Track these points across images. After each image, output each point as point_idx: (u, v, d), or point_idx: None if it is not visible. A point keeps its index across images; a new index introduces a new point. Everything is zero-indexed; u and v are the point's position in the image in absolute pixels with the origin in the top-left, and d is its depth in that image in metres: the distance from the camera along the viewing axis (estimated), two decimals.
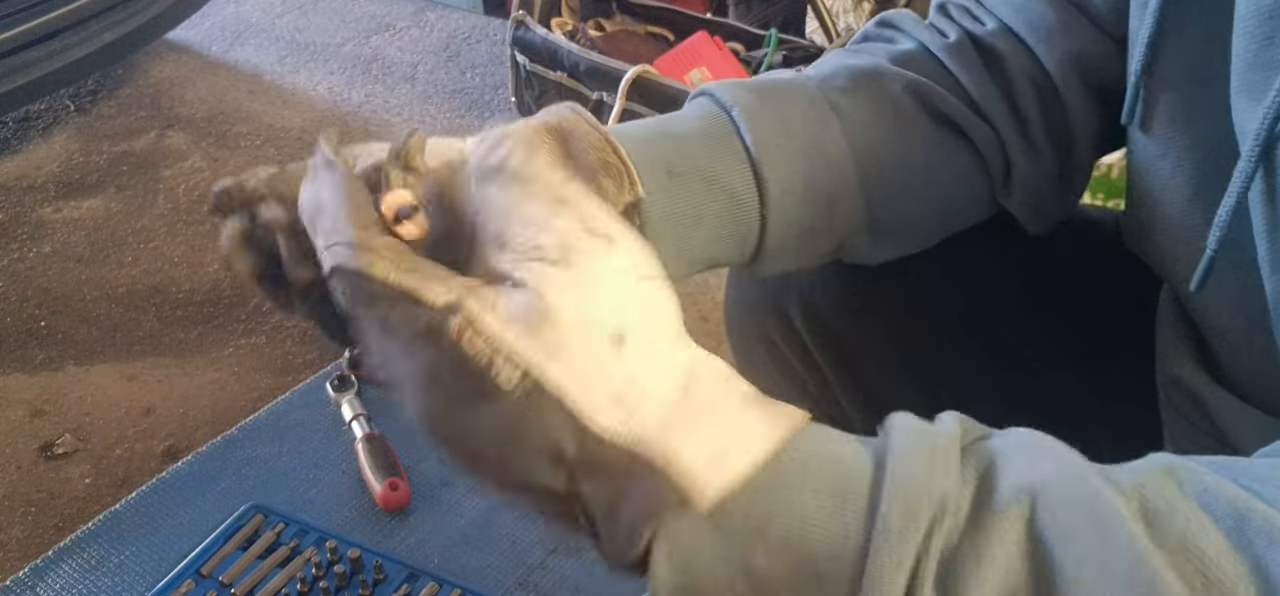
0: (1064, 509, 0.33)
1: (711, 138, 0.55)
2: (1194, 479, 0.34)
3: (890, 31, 0.65)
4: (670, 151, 0.53)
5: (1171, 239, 0.55)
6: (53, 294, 1.75)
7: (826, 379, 0.77)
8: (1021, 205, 0.64)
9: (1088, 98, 0.61)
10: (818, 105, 0.58)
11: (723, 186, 0.54)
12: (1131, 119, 0.56)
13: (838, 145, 0.57)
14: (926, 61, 0.62)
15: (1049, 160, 0.62)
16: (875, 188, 0.59)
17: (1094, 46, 0.60)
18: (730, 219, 0.55)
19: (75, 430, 1.46)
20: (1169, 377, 0.59)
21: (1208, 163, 0.51)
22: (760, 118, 0.55)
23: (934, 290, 0.70)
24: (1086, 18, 0.60)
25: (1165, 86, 0.53)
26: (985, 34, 0.62)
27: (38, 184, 2.08)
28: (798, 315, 0.74)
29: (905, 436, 0.37)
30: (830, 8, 2.07)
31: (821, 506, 0.35)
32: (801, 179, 0.56)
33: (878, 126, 0.59)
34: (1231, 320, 0.52)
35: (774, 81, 0.58)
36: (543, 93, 2.01)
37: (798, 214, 0.57)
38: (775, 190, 0.55)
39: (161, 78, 2.52)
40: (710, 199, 0.54)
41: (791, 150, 0.56)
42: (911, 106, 0.60)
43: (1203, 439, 0.56)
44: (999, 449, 0.37)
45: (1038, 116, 0.61)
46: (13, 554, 1.27)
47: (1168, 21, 0.52)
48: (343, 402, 1.27)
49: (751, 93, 0.56)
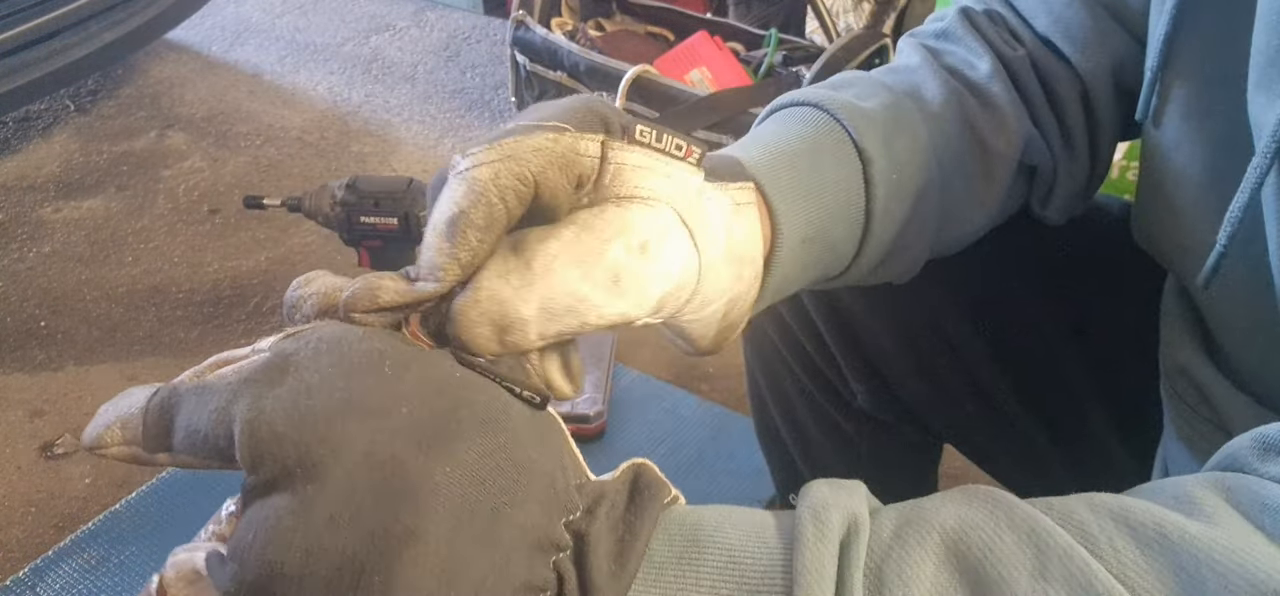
0: (989, 525, 0.34)
1: (843, 197, 0.53)
2: (1107, 501, 0.35)
3: (969, 38, 0.64)
4: (814, 211, 0.52)
5: (1182, 232, 0.55)
6: (53, 294, 1.75)
7: (831, 350, 0.77)
8: (1056, 212, 0.65)
9: (1116, 101, 0.62)
10: (928, 161, 0.57)
11: (835, 247, 0.54)
12: (1146, 113, 0.56)
13: (930, 211, 0.58)
14: (1006, 89, 0.61)
15: (1085, 167, 0.64)
16: (940, 246, 0.61)
17: (1128, 53, 0.60)
18: (826, 269, 0.55)
19: (75, 430, 1.46)
20: (1173, 366, 0.59)
21: (1220, 158, 0.52)
22: (885, 180, 0.54)
23: (938, 267, 0.71)
24: (1122, 26, 0.60)
25: (1180, 82, 0.54)
26: (1031, 50, 0.62)
27: (38, 184, 2.08)
28: (806, 292, 0.76)
29: (811, 485, 0.37)
30: (830, 7, 2.07)
31: (745, 541, 0.35)
32: (893, 242, 0.57)
33: (965, 186, 0.60)
34: (1239, 314, 0.52)
35: (894, 119, 0.56)
36: (543, 92, 2.01)
37: (868, 274, 0.58)
38: (866, 265, 0.56)
39: (161, 78, 2.52)
40: (822, 257, 0.53)
41: (896, 220, 0.56)
42: (1005, 167, 0.61)
43: (1205, 428, 0.56)
44: (917, 501, 0.37)
45: (1081, 130, 0.62)
46: (13, 554, 1.27)
47: (1184, 18, 0.52)
48: None
49: (881, 139, 0.55)
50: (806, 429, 0.86)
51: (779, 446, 0.90)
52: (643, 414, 1.43)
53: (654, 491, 0.36)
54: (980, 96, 0.61)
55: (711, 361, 1.57)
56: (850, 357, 0.77)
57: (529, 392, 0.37)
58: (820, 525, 0.34)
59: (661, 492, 0.37)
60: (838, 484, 0.37)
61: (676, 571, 0.34)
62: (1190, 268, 0.55)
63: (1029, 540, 0.33)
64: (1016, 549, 0.33)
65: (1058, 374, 0.72)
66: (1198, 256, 0.53)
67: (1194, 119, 0.53)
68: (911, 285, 0.72)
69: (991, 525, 0.34)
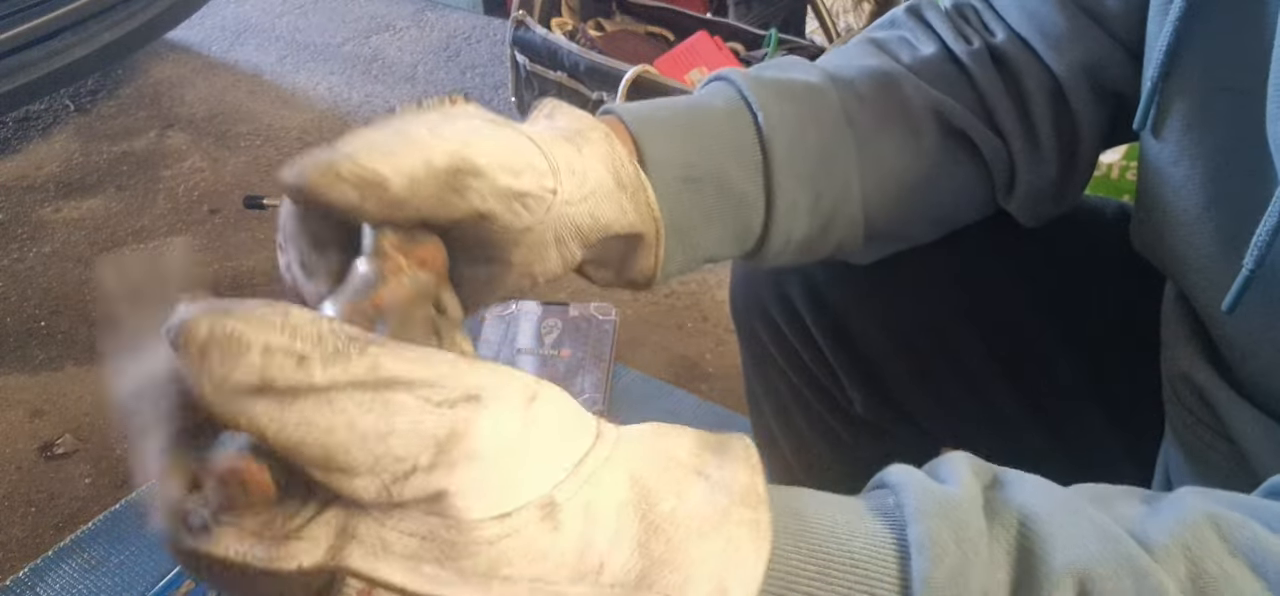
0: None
1: (733, 143, 0.55)
2: (1239, 532, 0.33)
3: (915, 23, 0.65)
4: (694, 153, 0.53)
5: (1183, 244, 0.55)
6: (53, 294, 1.75)
7: (827, 358, 0.77)
8: (1022, 208, 0.64)
9: (1095, 103, 0.61)
10: (836, 121, 0.58)
11: (735, 194, 0.55)
12: (1144, 125, 0.56)
13: (848, 163, 0.58)
14: (947, 66, 0.62)
15: (1053, 166, 0.63)
16: (877, 204, 0.60)
17: (1104, 53, 0.60)
18: (736, 223, 0.55)
19: (75, 430, 1.46)
20: (1175, 372, 0.58)
21: (1222, 171, 0.51)
22: (782, 130, 0.56)
23: (934, 271, 0.71)
24: (1098, 25, 0.60)
25: (1182, 94, 0.53)
26: (1000, 43, 0.62)
27: (38, 184, 2.08)
28: (799, 295, 0.75)
29: (925, 521, 0.32)
30: (830, 7, 2.07)
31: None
32: (809, 196, 0.57)
33: (888, 140, 0.59)
34: (1251, 332, 0.51)
35: (798, 87, 0.58)
36: (542, 92, 2.01)
37: (800, 226, 0.57)
38: (783, 205, 0.56)
39: (161, 78, 2.52)
40: (721, 203, 0.54)
41: (805, 169, 0.57)
42: (927, 121, 0.60)
43: (1208, 435, 0.56)
44: (1030, 515, 0.34)
45: (1048, 126, 0.61)
46: (13, 554, 1.27)
47: (1187, 30, 0.51)
48: None
49: (778, 100, 0.57)
50: (803, 435, 0.85)
51: (776, 453, 0.90)
52: (642, 414, 1.43)
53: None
54: (907, 64, 0.62)
55: (712, 361, 1.57)
56: (846, 363, 0.77)
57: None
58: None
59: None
60: (958, 521, 0.33)
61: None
62: (1192, 278, 0.55)
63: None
64: None
65: (1056, 376, 0.72)
66: (1199, 268, 0.53)
67: (1195, 131, 0.53)
68: (907, 287, 0.72)
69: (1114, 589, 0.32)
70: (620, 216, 0.48)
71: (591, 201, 0.46)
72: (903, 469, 0.36)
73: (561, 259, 0.46)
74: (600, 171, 0.47)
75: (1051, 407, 0.73)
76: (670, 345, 1.61)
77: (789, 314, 0.77)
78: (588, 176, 0.46)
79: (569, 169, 0.45)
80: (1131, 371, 0.67)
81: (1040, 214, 0.65)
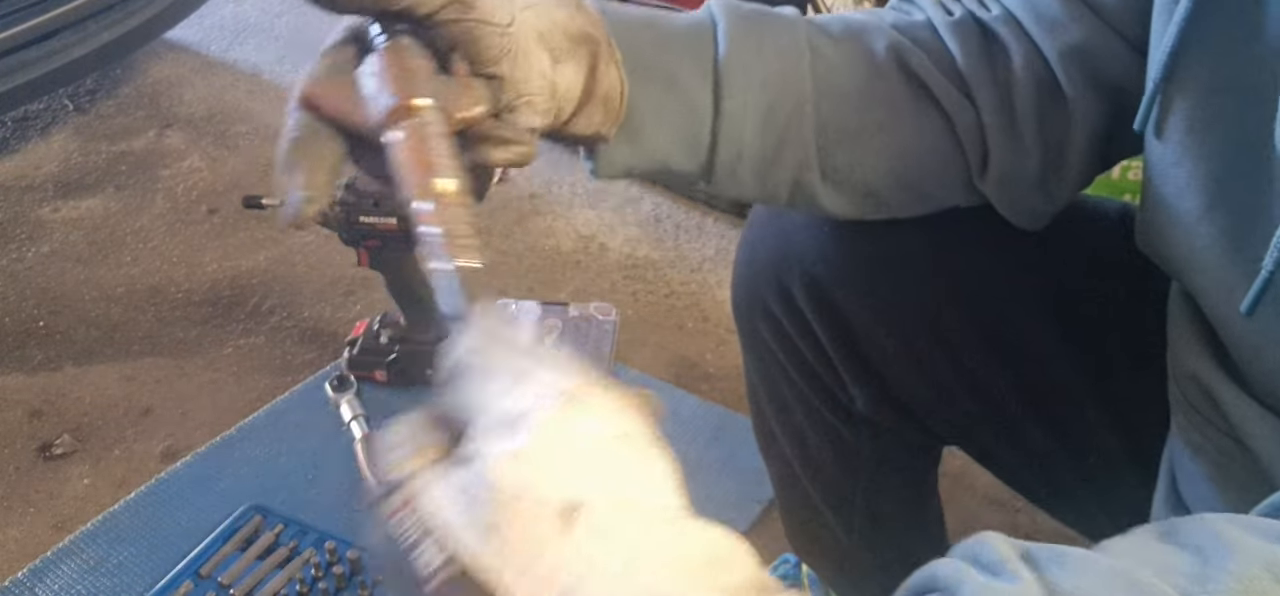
0: None
1: (688, 44, 0.58)
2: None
3: (908, 4, 0.66)
4: (648, 45, 0.56)
5: (1186, 245, 0.55)
6: (51, 294, 1.75)
7: (828, 354, 0.77)
8: (998, 195, 0.64)
9: (1091, 94, 0.61)
10: (797, 42, 0.60)
11: (682, 92, 0.57)
12: (1146, 125, 0.56)
13: (802, 82, 0.59)
14: (925, 32, 0.63)
15: (1035, 156, 0.62)
16: (831, 131, 0.61)
17: (1099, 41, 0.59)
18: (684, 125, 0.58)
19: (74, 430, 1.46)
20: (1181, 372, 0.58)
21: (1224, 173, 0.51)
22: (738, 39, 0.58)
23: (936, 269, 0.71)
24: (1093, 11, 0.60)
25: (1184, 96, 0.53)
26: (990, 19, 0.62)
27: (36, 184, 2.08)
28: (800, 292, 0.75)
29: None
30: (830, 7, 2.06)
31: None
32: (759, 106, 0.58)
33: (847, 73, 0.61)
34: (1265, 331, 0.51)
35: (767, 14, 0.60)
36: None
37: (751, 140, 0.59)
38: (731, 108, 0.58)
39: (160, 77, 2.51)
40: (669, 100, 0.57)
41: (756, 77, 0.58)
42: (889, 63, 0.61)
43: (1214, 434, 0.55)
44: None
45: (1031, 110, 0.61)
46: (11, 554, 1.26)
47: (1192, 32, 0.51)
48: (342, 403, 1.26)
49: (740, 16, 0.59)
50: (804, 434, 0.85)
51: (777, 451, 0.90)
52: None
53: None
54: (888, 23, 0.63)
55: (712, 361, 1.57)
56: (848, 361, 0.77)
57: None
58: None
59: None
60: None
61: None
62: (1195, 279, 0.55)
63: None
64: None
65: (1058, 374, 0.72)
66: (1202, 269, 0.53)
67: (1197, 131, 0.52)
68: (908, 285, 0.72)
69: None
70: (570, 18, 0.51)
71: (545, 7, 0.50)
72: (952, 565, 0.34)
73: (541, 76, 0.50)
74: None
75: (1053, 406, 0.73)
76: (670, 345, 1.61)
77: (791, 311, 0.77)
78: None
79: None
80: (1134, 371, 0.67)
81: (1022, 206, 0.65)
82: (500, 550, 0.30)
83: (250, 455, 1.35)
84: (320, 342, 1.60)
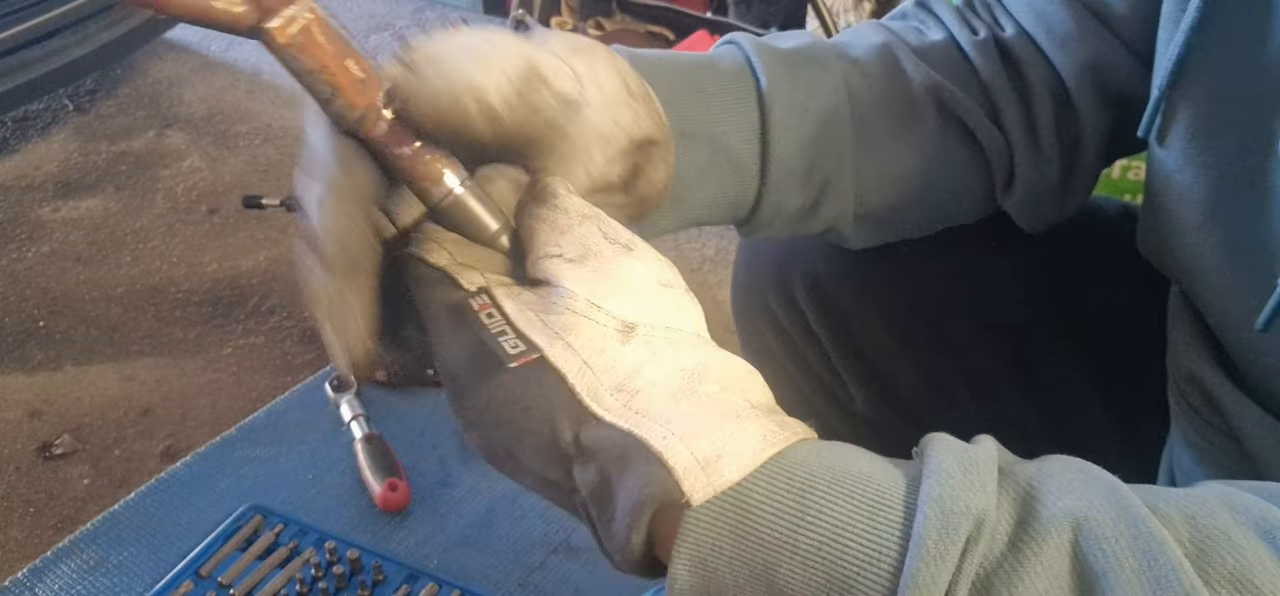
0: (1110, 540, 0.32)
1: (733, 104, 0.56)
2: (1250, 506, 0.34)
3: (924, 15, 0.65)
4: (692, 108, 0.54)
5: (1188, 252, 0.55)
6: (51, 294, 1.75)
7: (829, 354, 0.77)
8: (1021, 208, 0.64)
9: (1100, 105, 0.61)
10: (837, 93, 0.58)
11: (730, 156, 0.55)
12: (1150, 131, 0.56)
13: (843, 137, 0.58)
14: (952, 54, 0.62)
15: (1054, 166, 0.63)
16: (871, 182, 0.60)
17: (1111, 55, 0.60)
18: (730, 187, 0.56)
19: (74, 430, 1.46)
20: (1182, 373, 0.58)
21: (1226, 181, 0.51)
22: (782, 97, 0.56)
23: (936, 268, 0.71)
24: (1105, 27, 0.60)
25: (1189, 104, 0.53)
26: (1007, 38, 0.62)
27: (36, 184, 2.08)
28: (801, 292, 0.75)
29: (940, 453, 0.35)
30: (830, 7, 2.06)
31: (855, 518, 0.34)
32: (803, 165, 0.57)
33: (886, 121, 0.59)
34: (1268, 337, 0.51)
35: (803, 57, 0.58)
36: None
37: (793, 195, 0.58)
38: (776, 173, 0.57)
39: (160, 77, 2.51)
40: (715, 164, 0.55)
41: (801, 135, 0.57)
42: (927, 104, 0.60)
43: (1214, 435, 0.55)
44: (1039, 474, 0.36)
45: (1050, 125, 0.61)
46: (11, 555, 1.27)
47: (1198, 41, 0.51)
48: (342, 403, 1.26)
49: (782, 67, 0.57)
50: None
51: None
52: None
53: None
54: (914, 47, 0.61)
55: None
56: (848, 362, 0.77)
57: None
58: (945, 535, 0.32)
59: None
60: (970, 459, 0.35)
61: (773, 525, 0.34)
62: (1197, 285, 0.55)
63: (1148, 573, 0.32)
64: (1135, 582, 0.32)
65: (1059, 374, 0.72)
66: (1204, 276, 0.53)
67: (1200, 139, 0.52)
68: (910, 286, 0.72)
69: (1113, 541, 0.32)
70: (636, 122, 0.48)
71: (612, 108, 0.46)
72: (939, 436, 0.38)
73: (598, 172, 0.46)
74: (613, 79, 0.47)
75: (1054, 406, 0.73)
76: None
77: (791, 311, 0.77)
78: (603, 84, 0.46)
79: (588, 77, 0.45)
80: (1135, 370, 0.67)
81: (1040, 217, 0.65)
82: (570, 347, 0.37)
83: (250, 455, 1.35)
84: (320, 343, 1.60)
